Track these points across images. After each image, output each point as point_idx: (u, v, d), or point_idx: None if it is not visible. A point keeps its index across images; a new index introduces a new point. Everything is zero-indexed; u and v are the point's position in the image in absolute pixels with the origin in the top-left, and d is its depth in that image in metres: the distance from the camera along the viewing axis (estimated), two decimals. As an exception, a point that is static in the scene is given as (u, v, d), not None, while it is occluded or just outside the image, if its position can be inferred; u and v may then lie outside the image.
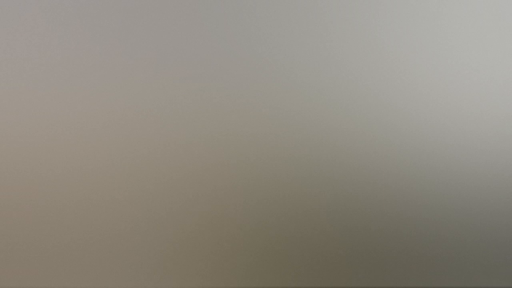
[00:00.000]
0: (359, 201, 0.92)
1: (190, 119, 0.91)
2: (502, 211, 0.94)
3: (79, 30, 0.90)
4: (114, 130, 0.90)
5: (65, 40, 0.90)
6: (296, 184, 0.92)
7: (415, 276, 0.93)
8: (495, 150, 0.93)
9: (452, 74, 0.93)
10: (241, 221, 0.92)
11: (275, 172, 0.92)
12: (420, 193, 0.93)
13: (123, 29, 0.91)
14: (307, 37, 0.92)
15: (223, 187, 0.91)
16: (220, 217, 0.91)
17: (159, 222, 0.91)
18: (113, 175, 0.90)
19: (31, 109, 0.90)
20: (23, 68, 0.90)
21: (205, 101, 0.91)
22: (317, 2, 0.92)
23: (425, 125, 0.93)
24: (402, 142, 0.93)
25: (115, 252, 0.90)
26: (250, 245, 0.92)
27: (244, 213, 0.92)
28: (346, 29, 0.92)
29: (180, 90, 0.91)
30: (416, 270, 0.93)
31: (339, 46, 0.92)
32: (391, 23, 0.93)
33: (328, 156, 0.92)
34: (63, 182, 0.90)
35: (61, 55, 0.90)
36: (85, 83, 0.90)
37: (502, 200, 0.94)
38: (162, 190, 0.91)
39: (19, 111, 0.89)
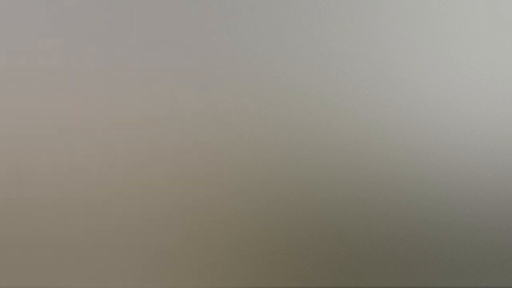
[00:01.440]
0: (359, 201, 0.92)
1: (191, 121, 0.91)
2: (502, 211, 0.94)
3: (86, 34, 0.90)
4: (118, 132, 0.90)
5: (71, 43, 0.90)
6: (296, 184, 0.92)
7: (415, 276, 0.93)
8: (495, 150, 0.93)
9: (452, 74, 0.93)
10: (242, 223, 0.92)
11: (275, 172, 0.92)
12: (420, 193, 0.93)
13: (127, 32, 0.91)
14: (307, 37, 0.92)
15: (223, 188, 0.91)
16: (221, 218, 0.91)
17: (161, 224, 0.91)
18: (116, 177, 0.90)
19: (35, 111, 0.90)
20: (27, 71, 0.90)
21: (206, 103, 0.91)
22: (317, 2, 0.92)
23: (425, 125, 0.93)
24: (402, 142, 0.93)
25: (117, 253, 0.90)
26: (251, 245, 0.92)
27: (245, 214, 0.92)
28: (346, 29, 0.92)
29: (181, 92, 0.91)
30: (416, 270, 0.93)
31: (339, 46, 0.92)
32: (391, 23, 0.93)
33: (328, 156, 0.92)
34: (67, 183, 0.90)
35: (66, 58, 0.90)
36: (89, 87, 0.90)
37: (502, 200, 0.94)
38: (163, 191, 0.91)
39: (23, 113, 0.89)
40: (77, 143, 0.90)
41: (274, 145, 0.92)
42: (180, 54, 0.91)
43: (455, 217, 0.93)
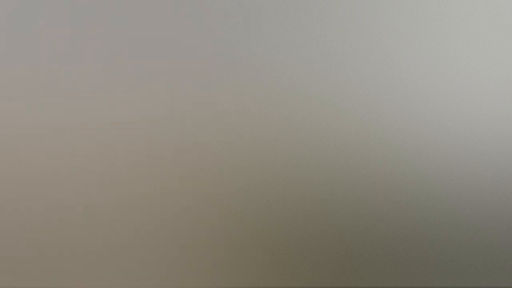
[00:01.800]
0: (359, 201, 0.92)
1: (191, 121, 0.91)
2: (502, 211, 0.94)
3: (85, 34, 0.90)
4: (117, 133, 0.90)
5: (69, 43, 0.90)
6: (296, 184, 0.92)
7: (415, 276, 0.93)
8: (495, 150, 0.93)
9: (452, 74, 0.93)
10: (242, 223, 0.92)
11: (275, 172, 0.92)
12: (420, 193, 0.93)
13: (127, 32, 0.91)
14: (307, 37, 0.92)
15: (223, 189, 0.91)
16: (221, 219, 0.91)
17: (161, 224, 0.91)
18: (116, 178, 0.90)
19: (35, 112, 0.90)
20: (27, 72, 0.90)
21: (206, 103, 0.91)
22: (317, 2, 0.92)
23: (425, 125, 0.93)
24: (402, 142, 0.93)
25: (117, 253, 0.90)
26: (251, 246, 0.92)
27: (244, 215, 0.92)
28: (346, 29, 0.92)
29: (180, 92, 0.91)
30: (416, 270, 0.93)
31: (339, 46, 0.92)
32: (391, 23, 0.93)
33: (328, 156, 0.92)
34: (66, 184, 0.90)
35: (64, 59, 0.90)
36: (89, 87, 0.90)
37: (502, 200, 0.94)
38: (163, 192, 0.91)
39: (23, 113, 0.90)
40: (76, 143, 0.90)
41: (274, 145, 0.92)
42: (180, 54, 0.91)
43: (455, 217, 0.93)
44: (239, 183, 0.91)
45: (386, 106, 0.92)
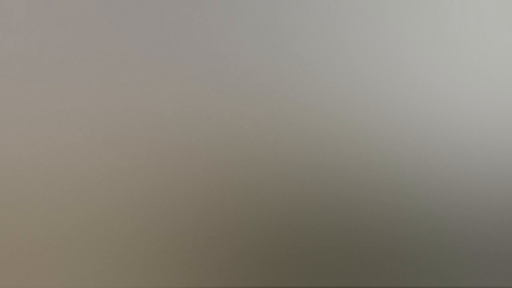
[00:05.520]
0: (361, 198, 0.92)
1: (189, 123, 0.91)
2: (503, 210, 0.94)
3: (87, 30, 0.90)
4: (117, 131, 0.90)
5: (72, 39, 0.90)
6: (298, 182, 0.92)
7: (415, 276, 0.93)
8: (496, 150, 0.93)
9: (452, 74, 0.93)
10: (240, 224, 0.92)
11: (275, 174, 0.92)
12: (421, 191, 0.93)
13: (129, 29, 0.91)
14: (310, 37, 0.92)
15: (223, 190, 0.91)
16: (221, 220, 0.91)
17: (161, 225, 0.91)
18: (116, 177, 0.90)
19: (34, 108, 0.90)
20: (25, 67, 0.90)
21: (204, 105, 0.91)
22: (317, 2, 0.92)
23: (426, 125, 0.93)
24: (404, 141, 0.93)
25: (117, 254, 0.91)
26: (251, 246, 0.92)
27: (244, 216, 0.92)
28: (348, 29, 0.92)
29: (179, 94, 0.91)
30: (416, 270, 0.93)
31: (342, 46, 0.92)
32: (393, 23, 0.93)
33: (332, 154, 0.92)
34: (67, 184, 0.90)
35: (67, 55, 0.90)
36: (89, 84, 0.90)
37: (503, 199, 0.94)
38: (163, 192, 0.91)
39: (25, 111, 0.90)
40: (77, 142, 0.90)
41: (274, 146, 0.92)
42: (179, 56, 0.91)
43: (456, 217, 0.93)
44: (238, 184, 0.91)
45: (388, 106, 0.93)
